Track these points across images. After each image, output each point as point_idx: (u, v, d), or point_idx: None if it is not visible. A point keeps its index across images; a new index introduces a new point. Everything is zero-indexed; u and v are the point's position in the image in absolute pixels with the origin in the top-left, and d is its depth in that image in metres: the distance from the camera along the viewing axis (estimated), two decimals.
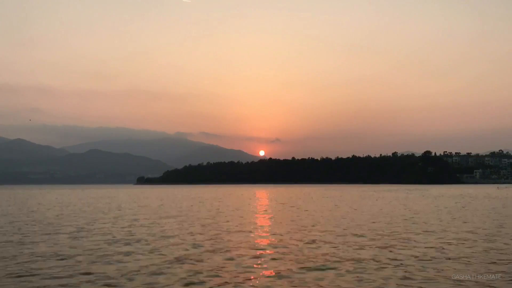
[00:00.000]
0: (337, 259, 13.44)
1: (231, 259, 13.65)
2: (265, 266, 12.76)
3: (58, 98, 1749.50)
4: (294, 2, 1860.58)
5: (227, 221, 26.26)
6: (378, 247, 15.75)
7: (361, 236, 18.93)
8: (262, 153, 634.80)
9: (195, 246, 16.31)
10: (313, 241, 17.28)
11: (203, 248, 15.78)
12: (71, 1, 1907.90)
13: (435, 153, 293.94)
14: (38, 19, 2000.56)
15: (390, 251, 14.89)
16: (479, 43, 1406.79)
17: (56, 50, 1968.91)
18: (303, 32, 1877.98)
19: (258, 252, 14.88)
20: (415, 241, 17.33)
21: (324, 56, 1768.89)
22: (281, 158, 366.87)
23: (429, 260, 13.34)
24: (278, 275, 11.49)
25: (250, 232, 20.88)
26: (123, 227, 23.17)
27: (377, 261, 13.11)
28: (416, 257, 13.85)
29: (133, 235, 19.67)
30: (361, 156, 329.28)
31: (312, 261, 13.25)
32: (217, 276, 11.43)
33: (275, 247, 15.97)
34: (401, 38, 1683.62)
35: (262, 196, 75.55)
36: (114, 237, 19.16)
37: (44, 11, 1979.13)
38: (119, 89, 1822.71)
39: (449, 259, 13.47)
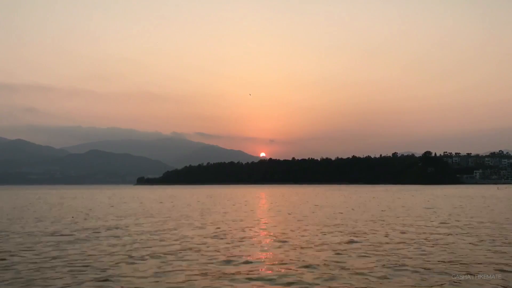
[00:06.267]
0: None
1: None
2: None
3: (58, 99, 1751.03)
4: (297, 5, 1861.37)
5: None
6: None
7: None
8: (263, 154, 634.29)
9: None
10: None
11: None
12: (71, 1, 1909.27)
13: (435, 154, 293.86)
14: (40, 19, 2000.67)
15: None
16: (481, 46, 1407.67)
17: (57, 51, 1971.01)
18: (306, 34, 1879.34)
19: None
20: None
21: (325, 59, 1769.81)
22: (281, 159, 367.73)
23: None
24: None
25: None
26: None
27: None
28: None
29: None
30: (361, 156, 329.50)
31: None
32: None
33: None
34: (403, 41, 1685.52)
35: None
36: None
37: (44, 12, 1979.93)
38: (119, 90, 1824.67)
39: None
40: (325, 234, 19.60)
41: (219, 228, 22.69)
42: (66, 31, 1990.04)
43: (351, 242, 17.12)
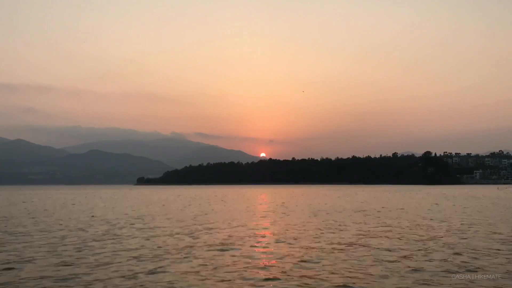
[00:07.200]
0: None
1: None
2: None
3: (58, 99, 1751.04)
4: (297, 5, 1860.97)
5: None
6: None
7: None
8: (263, 154, 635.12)
9: None
10: None
11: None
12: (71, 1, 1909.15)
13: (435, 154, 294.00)
14: (40, 19, 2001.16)
15: None
16: (481, 46, 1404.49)
17: (57, 51, 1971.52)
18: (306, 34, 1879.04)
19: None
20: None
21: (325, 59, 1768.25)
22: (281, 159, 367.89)
23: None
24: None
25: None
26: None
27: None
28: None
29: None
30: (361, 156, 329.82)
31: None
32: None
33: None
34: (403, 41, 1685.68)
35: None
36: None
37: (44, 12, 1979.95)
38: (119, 90, 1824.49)
39: None
40: None
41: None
42: (66, 31, 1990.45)
43: None
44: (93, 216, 31.26)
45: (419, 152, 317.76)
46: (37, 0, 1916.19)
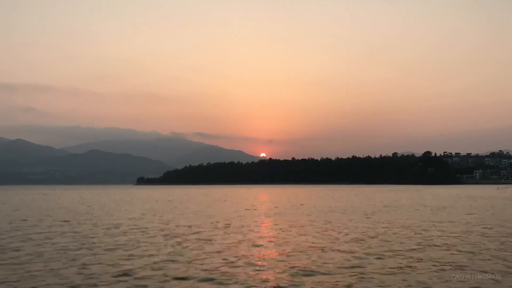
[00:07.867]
0: None
1: None
2: None
3: (57, 99, 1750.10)
4: (297, 5, 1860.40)
5: None
6: None
7: None
8: (263, 154, 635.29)
9: None
10: None
11: None
12: (71, 1, 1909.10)
13: (435, 154, 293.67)
14: (40, 19, 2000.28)
15: None
16: (481, 46, 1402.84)
17: (57, 51, 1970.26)
18: (306, 34, 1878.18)
19: None
20: None
21: (325, 59, 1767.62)
22: (281, 159, 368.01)
23: None
24: None
25: None
26: None
27: None
28: None
29: None
30: (361, 156, 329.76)
31: None
32: None
33: None
34: (403, 42, 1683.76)
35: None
36: None
37: (44, 12, 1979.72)
38: (118, 90, 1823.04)
39: None
40: None
41: None
42: (66, 31, 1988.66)
43: None
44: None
45: (419, 152, 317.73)
46: (38, 0, 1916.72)
